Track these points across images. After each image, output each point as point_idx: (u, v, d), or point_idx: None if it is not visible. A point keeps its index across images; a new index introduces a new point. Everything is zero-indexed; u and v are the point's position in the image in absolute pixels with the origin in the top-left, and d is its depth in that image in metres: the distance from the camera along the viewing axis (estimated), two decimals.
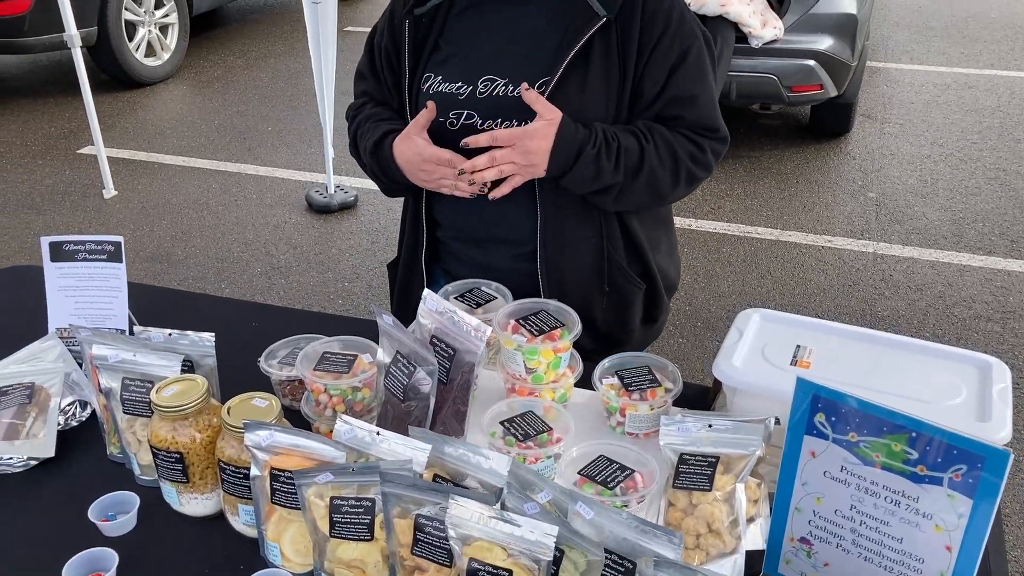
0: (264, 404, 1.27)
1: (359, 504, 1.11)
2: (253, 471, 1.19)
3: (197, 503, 1.31)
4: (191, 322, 1.61)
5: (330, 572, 1.16)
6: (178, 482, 1.29)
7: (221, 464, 1.24)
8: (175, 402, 1.27)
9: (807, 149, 5.13)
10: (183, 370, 1.35)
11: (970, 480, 1.04)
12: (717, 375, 1.34)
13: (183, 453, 1.27)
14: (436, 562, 1.06)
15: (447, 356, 1.31)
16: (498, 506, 1.04)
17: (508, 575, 0.99)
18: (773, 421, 1.21)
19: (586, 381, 1.46)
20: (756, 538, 1.20)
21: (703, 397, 1.54)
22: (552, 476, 1.29)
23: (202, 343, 1.38)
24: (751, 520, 1.20)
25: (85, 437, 1.49)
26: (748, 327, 1.42)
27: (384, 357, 1.35)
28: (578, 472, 1.24)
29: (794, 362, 1.34)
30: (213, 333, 1.39)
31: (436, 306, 1.34)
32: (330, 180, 4.54)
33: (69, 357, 1.59)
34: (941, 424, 1.05)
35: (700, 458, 1.21)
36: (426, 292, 1.36)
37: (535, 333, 1.40)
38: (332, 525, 1.13)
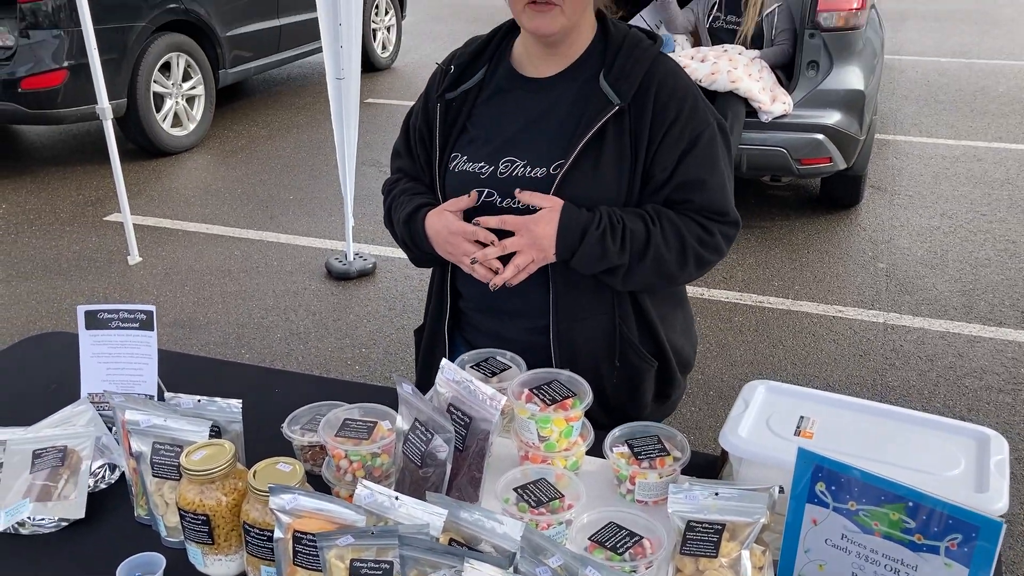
0: (288, 469, 1.33)
1: (378, 566, 1.16)
2: (277, 533, 1.24)
3: (221, 564, 1.36)
4: (217, 388, 1.68)
5: None
6: (204, 543, 1.34)
7: (246, 526, 1.30)
8: (203, 466, 1.33)
9: (818, 220, 5.21)
10: (211, 435, 1.41)
11: (966, 549, 1.08)
12: (723, 445, 1.38)
13: (209, 515, 1.32)
14: None
15: (463, 424, 1.37)
16: (511, 570, 1.09)
17: None
18: (777, 490, 1.25)
19: (597, 449, 1.51)
20: None
21: (713, 466, 1.58)
22: (563, 541, 1.33)
23: (229, 409, 1.45)
24: None
25: (114, 499, 1.54)
26: (754, 398, 1.47)
27: (403, 424, 1.41)
28: (588, 538, 1.28)
29: (798, 433, 1.39)
30: (240, 400, 1.46)
31: (453, 375, 1.40)
32: (349, 247, 4.65)
33: (100, 421, 1.65)
34: (937, 495, 1.10)
35: (706, 525, 1.25)
36: (444, 362, 1.43)
37: (548, 402, 1.45)
38: None
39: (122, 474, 1.58)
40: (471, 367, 1.63)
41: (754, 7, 4.94)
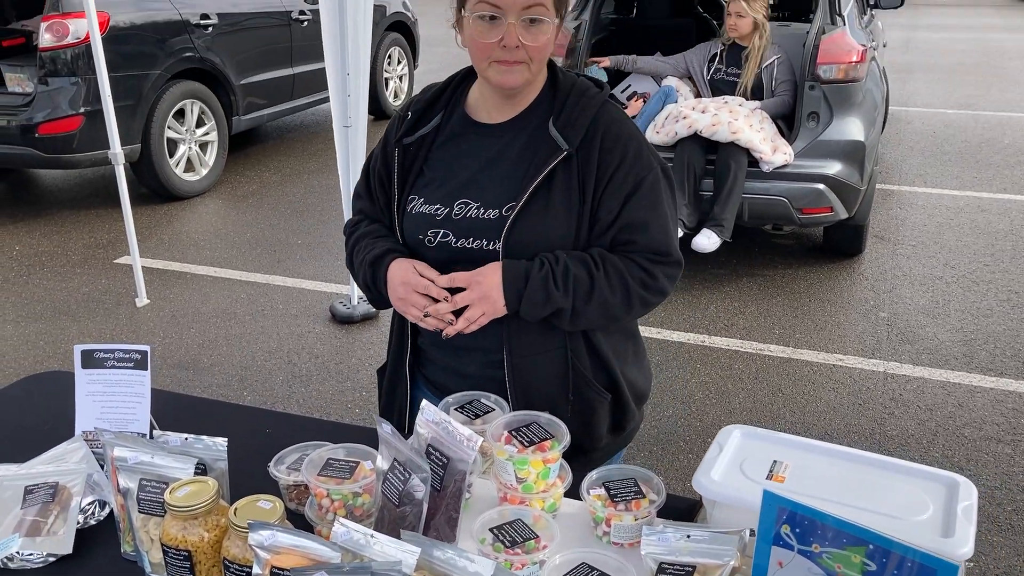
0: (268, 506, 1.36)
1: None
2: (255, 569, 1.27)
3: None
4: (209, 428, 1.71)
5: None
6: None
7: (226, 562, 1.32)
8: (186, 502, 1.36)
9: (820, 269, 5.24)
10: (196, 473, 1.44)
11: None
12: (696, 487, 1.41)
13: (191, 551, 1.35)
14: None
15: (441, 464, 1.40)
16: None
17: None
18: (748, 532, 1.28)
19: (577, 492, 1.53)
20: None
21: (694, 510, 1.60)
22: None
23: (215, 447, 1.48)
24: None
25: (102, 535, 1.57)
26: (729, 442, 1.50)
27: (383, 464, 1.44)
28: None
29: (770, 477, 1.41)
30: (226, 438, 1.49)
31: (433, 416, 1.43)
32: (353, 291, 4.70)
33: (92, 459, 1.69)
34: (897, 538, 1.12)
35: (678, 567, 1.27)
36: (424, 403, 1.46)
37: (526, 444, 1.48)
38: None
39: (111, 511, 1.61)
40: (455, 409, 1.66)
41: (754, 59, 5.03)
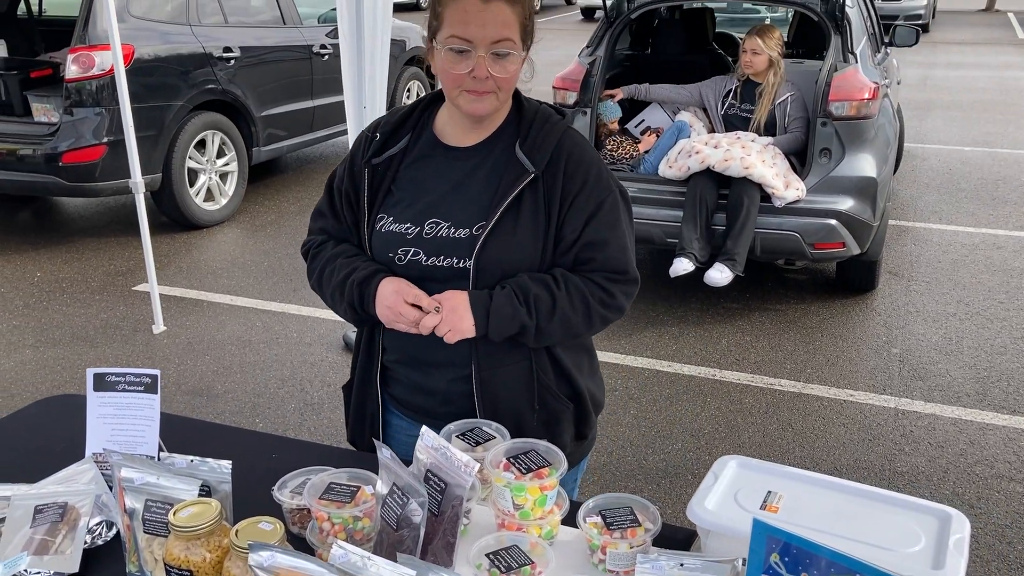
0: (270, 528, 1.38)
1: None
2: None
3: None
4: (217, 452, 1.74)
5: None
6: None
7: None
8: (189, 523, 1.39)
9: (833, 304, 5.24)
10: (200, 494, 1.48)
11: None
12: (690, 516, 1.43)
13: (194, 571, 1.38)
14: None
15: (439, 489, 1.43)
16: None
17: None
18: (740, 561, 1.29)
19: (573, 518, 1.55)
20: None
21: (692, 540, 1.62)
22: None
23: (220, 470, 1.52)
24: None
25: (108, 555, 1.60)
26: (724, 472, 1.51)
27: (382, 488, 1.47)
28: None
29: (764, 507, 1.43)
30: (230, 461, 1.53)
31: (432, 442, 1.46)
32: None
33: (101, 480, 1.72)
34: (887, 569, 1.14)
35: None
36: (424, 429, 1.49)
37: (523, 471, 1.51)
38: None
39: (118, 531, 1.64)
40: (457, 436, 1.69)
41: (768, 95, 5.08)
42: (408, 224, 1.77)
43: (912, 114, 10.29)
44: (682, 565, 1.31)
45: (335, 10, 4.38)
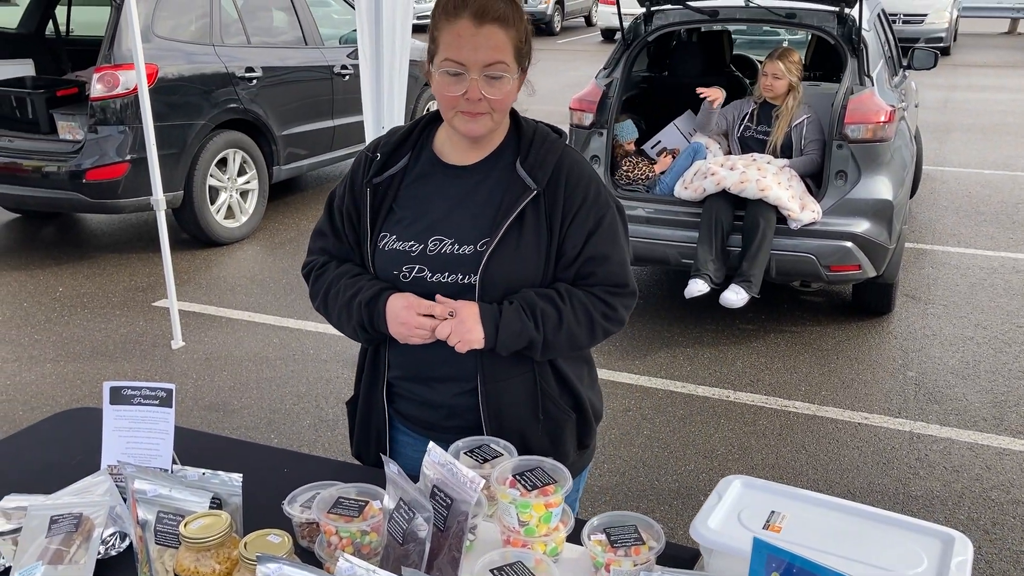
0: (278, 540, 1.41)
1: None
2: None
3: None
4: (230, 466, 1.77)
5: None
6: None
7: None
8: (200, 534, 1.41)
9: (849, 327, 5.23)
10: (211, 506, 1.50)
11: None
12: (692, 535, 1.44)
13: None
14: None
15: (445, 505, 1.45)
16: None
17: None
18: None
19: (578, 536, 1.56)
20: None
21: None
22: None
23: (230, 483, 1.54)
24: None
25: (121, 566, 1.63)
26: (728, 492, 1.53)
27: (390, 503, 1.49)
28: None
29: (767, 526, 1.44)
30: (241, 474, 1.55)
31: (439, 458, 1.48)
32: None
33: (116, 492, 1.75)
34: None
35: None
36: (431, 445, 1.52)
37: (529, 488, 1.52)
38: None
39: (131, 543, 1.67)
40: (465, 454, 1.71)
41: (785, 118, 5.10)
42: (411, 242, 1.80)
43: (932, 137, 10.25)
44: None
45: (356, 31, 4.44)
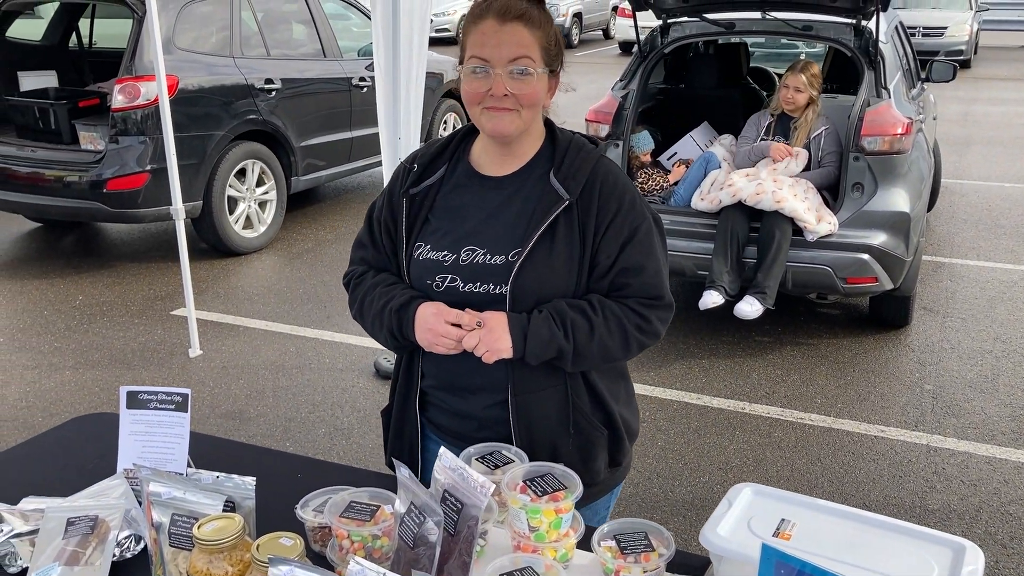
0: (290, 543, 1.42)
1: None
2: None
3: None
4: (244, 470, 1.78)
5: None
6: None
7: None
8: (213, 537, 1.43)
9: (865, 340, 5.20)
10: (225, 509, 1.52)
11: None
12: (702, 542, 1.44)
13: None
14: None
15: (456, 509, 1.46)
16: None
17: None
18: None
19: (588, 542, 1.57)
20: None
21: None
22: None
23: (244, 486, 1.56)
24: None
25: (136, 569, 1.65)
26: (738, 500, 1.52)
27: (401, 507, 1.50)
28: None
29: (776, 534, 1.44)
30: (254, 477, 1.57)
31: (450, 463, 1.49)
32: None
33: (131, 495, 1.78)
34: None
35: None
36: (442, 450, 1.52)
37: (539, 494, 1.53)
38: None
39: (145, 545, 1.69)
40: (476, 459, 1.72)
41: (803, 130, 5.10)
42: (445, 252, 1.81)
43: (952, 150, 10.19)
44: None
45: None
